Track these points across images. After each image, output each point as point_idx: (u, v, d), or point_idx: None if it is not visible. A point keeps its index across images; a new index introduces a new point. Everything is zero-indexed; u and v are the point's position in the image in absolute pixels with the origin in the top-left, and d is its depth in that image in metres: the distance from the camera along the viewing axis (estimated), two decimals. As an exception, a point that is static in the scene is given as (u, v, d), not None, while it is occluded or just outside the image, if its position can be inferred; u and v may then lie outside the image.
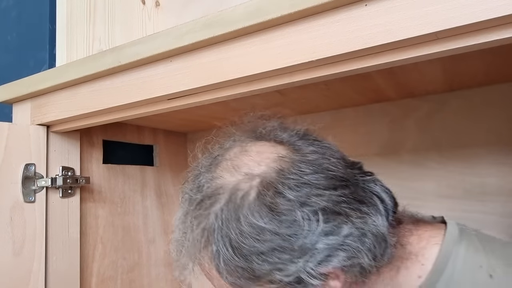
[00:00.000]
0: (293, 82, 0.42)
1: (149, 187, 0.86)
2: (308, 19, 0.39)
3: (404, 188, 0.51)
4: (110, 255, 0.75)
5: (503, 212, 0.61)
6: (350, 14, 0.36)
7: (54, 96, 0.60)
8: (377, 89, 0.65)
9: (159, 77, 0.49)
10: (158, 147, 0.91)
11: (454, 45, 0.34)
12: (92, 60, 0.54)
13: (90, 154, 0.73)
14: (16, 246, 0.57)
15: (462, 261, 0.41)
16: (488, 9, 0.30)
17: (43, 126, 0.63)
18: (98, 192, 0.74)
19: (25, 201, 0.59)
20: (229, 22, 0.42)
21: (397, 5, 0.34)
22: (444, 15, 0.32)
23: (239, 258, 0.37)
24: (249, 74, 0.42)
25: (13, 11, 0.94)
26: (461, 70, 0.57)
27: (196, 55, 0.46)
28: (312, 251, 0.36)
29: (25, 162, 0.60)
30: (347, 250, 0.37)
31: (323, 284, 0.38)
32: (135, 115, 0.55)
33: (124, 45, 0.51)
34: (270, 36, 0.41)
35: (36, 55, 0.87)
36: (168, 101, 0.51)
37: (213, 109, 0.74)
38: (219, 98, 0.47)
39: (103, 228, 0.74)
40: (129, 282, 0.78)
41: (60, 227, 0.64)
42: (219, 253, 0.38)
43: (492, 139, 0.64)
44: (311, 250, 0.36)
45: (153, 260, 0.85)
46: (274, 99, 0.69)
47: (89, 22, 0.73)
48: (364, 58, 0.37)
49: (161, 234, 0.88)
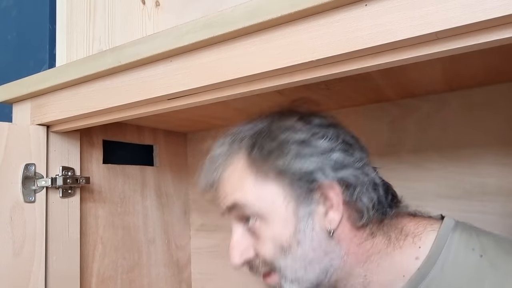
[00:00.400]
0: (293, 82, 0.42)
1: (149, 187, 0.86)
2: (308, 19, 0.39)
3: (404, 188, 0.51)
4: (110, 255, 0.75)
5: (503, 212, 0.61)
6: (350, 14, 0.36)
7: (54, 96, 0.60)
8: (377, 89, 0.65)
9: (159, 77, 0.49)
10: (158, 147, 0.91)
11: (454, 45, 0.34)
12: (92, 60, 0.54)
13: (90, 154, 0.73)
14: (16, 246, 0.57)
15: (456, 245, 0.44)
16: (488, 9, 0.30)
17: (43, 126, 0.63)
18: (98, 192, 0.74)
19: (25, 201, 0.59)
20: (229, 22, 0.42)
21: (397, 5, 0.34)
22: (444, 15, 0.32)
23: (272, 142, 0.46)
24: (249, 74, 0.42)
25: (13, 11, 0.94)
26: (461, 70, 0.57)
27: (196, 55, 0.46)
28: (329, 156, 0.45)
29: (25, 162, 0.60)
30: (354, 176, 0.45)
31: (325, 188, 0.45)
32: (135, 115, 0.55)
33: (124, 45, 0.51)
34: (270, 36, 0.41)
35: (36, 55, 0.87)
36: (168, 101, 0.51)
37: (213, 109, 0.74)
38: (219, 98, 0.47)
39: (103, 228, 0.74)
40: (129, 282, 0.78)
41: (60, 227, 0.64)
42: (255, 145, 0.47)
43: (492, 139, 0.64)
44: (328, 156, 0.45)
45: (153, 260, 0.85)
46: (274, 99, 0.69)
47: (89, 22, 0.73)
48: (364, 58, 0.37)
49: (161, 234, 0.88)
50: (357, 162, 0.47)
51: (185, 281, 0.93)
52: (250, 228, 0.47)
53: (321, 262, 0.45)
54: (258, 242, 0.46)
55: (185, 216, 0.96)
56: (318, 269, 0.45)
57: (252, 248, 0.47)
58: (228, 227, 0.50)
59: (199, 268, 0.95)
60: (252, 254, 0.47)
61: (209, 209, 0.95)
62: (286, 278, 0.45)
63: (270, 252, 0.45)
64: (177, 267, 0.92)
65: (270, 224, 0.45)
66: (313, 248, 0.45)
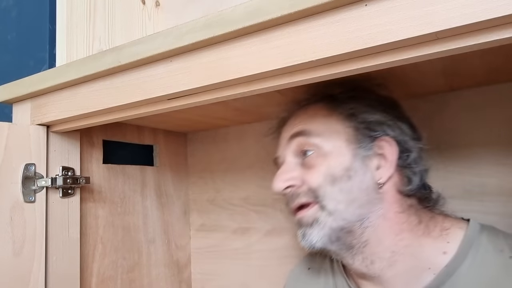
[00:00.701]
0: (293, 82, 0.42)
1: (149, 187, 0.86)
2: (308, 19, 0.39)
3: (404, 188, 0.52)
4: (110, 255, 0.75)
5: (503, 212, 0.61)
6: (350, 14, 0.36)
7: (54, 96, 0.60)
8: (377, 89, 0.65)
9: (159, 77, 0.49)
10: (158, 147, 0.91)
11: (454, 45, 0.34)
12: (92, 60, 0.54)
13: (90, 154, 0.73)
14: (16, 246, 0.57)
15: (484, 246, 0.45)
16: (488, 9, 0.30)
17: (43, 126, 0.63)
18: (98, 192, 0.74)
19: (25, 201, 0.59)
20: (229, 22, 0.42)
21: (397, 5, 0.34)
22: (444, 15, 0.32)
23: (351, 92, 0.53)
24: (249, 74, 0.42)
25: (13, 11, 0.94)
26: (461, 70, 0.57)
27: (196, 55, 0.46)
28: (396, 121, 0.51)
29: (25, 162, 0.60)
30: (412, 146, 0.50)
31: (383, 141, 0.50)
32: (135, 115, 0.55)
33: (124, 45, 0.51)
34: (270, 36, 0.41)
35: (36, 55, 0.87)
36: (168, 101, 0.51)
37: (213, 109, 0.74)
38: (219, 98, 0.47)
39: (103, 228, 0.74)
40: (129, 282, 0.78)
41: (60, 227, 0.64)
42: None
43: (492, 139, 0.64)
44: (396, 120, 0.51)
45: (153, 260, 0.85)
46: (274, 99, 0.69)
47: (89, 22, 0.73)
48: (364, 58, 0.37)
49: (161, 234, 0.88)
50: (416, 139, 0.51)
51: (185, 281, 0.93)
52: (305, 161, 0.50)
53: (361, 207, 0.47)
54: (309, 172, 0.49)
55: (185, 216, 0.96)
56: (356, 212, 0.47)
57: (299, 178, 0.50)
58: (228, 227, 0.51)
59: (199, 268, 0.95)
60: (297, 182, 0.50)
61: (209, 209, 0.95)
62: (325, 209, 0.47)
63: (319, 180, 0.48)
64: (177, 267, 0.92)
65: (328, 157, 0.49)
66: (360, 189, 0.47)
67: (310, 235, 0.48)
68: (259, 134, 0.88)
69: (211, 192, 0.95)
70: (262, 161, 0.87)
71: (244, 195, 0.89)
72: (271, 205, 0.85)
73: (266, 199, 0.86)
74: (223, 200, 0.93)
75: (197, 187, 0.97)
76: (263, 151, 0.88)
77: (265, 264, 0.85)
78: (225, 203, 0.92)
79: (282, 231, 0.83)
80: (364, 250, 0.49)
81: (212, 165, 0.95)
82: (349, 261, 0.51)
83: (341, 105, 0.52)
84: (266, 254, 0.85)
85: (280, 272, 0.82)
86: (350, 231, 0.48)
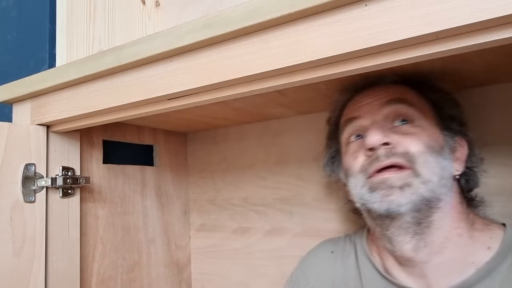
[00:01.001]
0: (293, 82, 0.42)
1: (149, 187, 0.86)
2: (308, 19, 0.39)
3: (404, 188, 0.52)
4: (110, 255, 0.75)
5: (503, 212, 0.61)
6: (350, 14, 0.36)
7: (54, 96, 0.60)
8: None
9: (159, 77, 0.49)
10: (158, 147, 0.91)
11: (454, 45, 0.34)
12: (92, 60, 0.54)
13: (90, 154, 0.73)
14: (16, 246, 0.57)
15: None
16: (488, 9, 0.30)
17: (43, 126, 0.63)
18: (98, 192, 0.74)
19: (25, 201, 0.59)
20: (229, 22, 0.42)
21: (397, 5, 0.34)
22: (444, 15, 0.32)
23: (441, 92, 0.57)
24: (249, 74, 0.42)
25: (13, 11, 0.94)
26: (462, 71, 0.57)
27: (196, 55, 0.46)
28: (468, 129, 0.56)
29: (25, 162, 0.60)
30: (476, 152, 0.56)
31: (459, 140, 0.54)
32: (135, 115, 0.55)
33: (124, 45, 0.51)
34: (270, 36, 0.41)
35: (36, 55, 0.87)
36: (168, 101, 0.51)
37: (213, 109, 0.74)
38: (219, 98, 0.47)
39: (103, 228, 0.74)
40: (129, 282, 0.78)
41: (60, 227, 0.64)
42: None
43: (492, 139, 0.64)
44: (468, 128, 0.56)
45: (153, 260, 0.85)
46: (274, 99, 0.69)
47: (89, 22, 0.73)
48: (364, 58, 0.37)
49: (161, 234, 0.88)
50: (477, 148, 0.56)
51: (185, 281, 0.93)
52: (399, 127, 0.51)
53: (443, 187, 0.50)
54: (406, 137, 0.50)
55: (185, 216, 0.96)
56: (441, 190, 0.49)
57: (395, 140, 0.50)
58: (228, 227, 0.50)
59: (199, 268, 0.95)
60: (393, 141, 0.50)
61: (209, 209, 0.95)
62: (419, 176, 0.48)
63: (420, 147, 0.49)
64: (177, 267, 0.92)
65: (425, 131, 0.51)
66: (447, 170, 0.51)
67: (398, 197, 0.47)
68: (259, 134, 0.88)
69: (211, 192, 0.95)
70: (262, 161, 0.87)
71: (244, 195, 0.89)
72: (271, 205, 0.85)
73: (266, 199, 0.86)
74: (223, 200, 0.93)
75: (197, 187, 0.97)
76: (263, 151, 0.88)
77: (265, 264, 0.85)
78: (225, 203, 0.93)
79: (282, 231, 0.83)
80: (424, 231, 0.49)
81: (212, 165, 0.95)
82: (400, 242, 0.50)
83: (427, 93, 0.55)
84: (266, 254, 0.85)
85: (280, 272, 0.82)
86: (429, 206, 0.48)
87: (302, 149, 0.82)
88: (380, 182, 0.49)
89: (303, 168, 0.82)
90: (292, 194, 0.83)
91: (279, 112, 0.80)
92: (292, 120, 0.84)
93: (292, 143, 0.84)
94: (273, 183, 0.86)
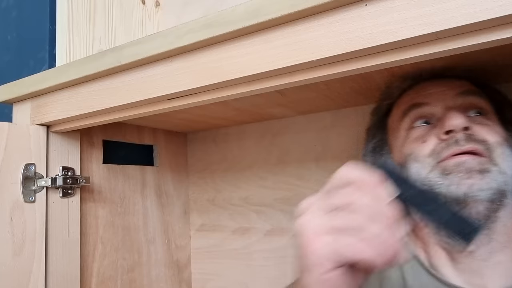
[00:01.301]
0: (293, 82, 0.42)
1: (149, 187, 0.86)
2: (308, 19, 0.39)
3: (404, 188, 0.52)
4: (110, 255, 0.75)
5: (503, 212, 0.61)
6: (350, 14, 0.36)
7: (54, 96, 0.60)
8: (377, 89, 0.65)
9: (159, 77, 0.49)
10: (158, 147, 0.91)
11: (454, 45, 0.34)
12: (92, 60, 0.54)
13: (90, 154, 0.73)
14: (16, 246, 0.57)
15: None
16: (488, 9, 0.30)
17: (43, 126, 0.63)
18: (98, 192, 0.74)
19: (25, 201, 0.59)
20: (229, 22, 0.42)
21: (397, 5, 0.34)
22: (444, 15, 0.32)
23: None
24: (249, 74, 0.42)
25: (13, 11, 0.94)
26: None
27: (196, 55, 0.46)
28: None
29: (25, 162, 0.60)
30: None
31: None
32: (135, 115, 0.55)
33: (124, 45, 0.51)
34: (270, 36, 0.41)
35: (36, 55, 0.87)
36: (168, 101, 0.51)
37: (213, 109, 0.74)
38: (219, 98, 0.47)
39: (103, 228, 0.74)
40: (129, 282, 0.78)
41: (60, 227, 0.64)
42: None
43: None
44: None
45: (153, 260, 0.85)
46: (274, 99, 0.69)
47: (89, 22, 0.73)
48: (364, 58, 0.37)
49: (161, 234, 0.88)
50: None
51: (185, 281, 0.93)
52: (473, 118, 0.50)
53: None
54: (482, 127, 0.49)
55: (185, 216, 0.96)
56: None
57: (473, 127, 0.50)
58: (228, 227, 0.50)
59: (199, 268, 0.95)
60: (472, 127, 0.49)
61: (209, 209, 0.95)
62: (497, 165, 0.47)
63: (497, 138, 0.49)
64: (177, 267, 0.92)
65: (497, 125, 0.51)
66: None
67: (479, 180, 0.45)
68: (259, 134, 0.89)
69: (211, 192, 0.95)
70: (262, 161, 0.88)
71: (244, 195, 0.89)
72: (271, 205, 0.85)
73: (266, 199, 0.86)
74: (223, 200, 0.93)
75: (197, 187, 0.97)
76: (263, 151, 0.88)
77: (265, 264, 0.85)
78: (225, 203, 0.93)
79: (282, 231, 0.83)
80: (490, 226, 0.47)
81: (212, 165, 0.95)
82: None
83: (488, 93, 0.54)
84: (266, 254, 0.85)
85: (280, 272, 0.82)
86: (500, 200, 0.47)
87: (302, 149, 0.82)
88: (456, 164, 0.47)
89: (303, 168, 0.82)
90: (292, 194, 0.83)
91: (279, 112, 0.80)
92: (292, 120, 0.84)
93: (292, 143, 0.84)
94: (273, 183, 0.86)
